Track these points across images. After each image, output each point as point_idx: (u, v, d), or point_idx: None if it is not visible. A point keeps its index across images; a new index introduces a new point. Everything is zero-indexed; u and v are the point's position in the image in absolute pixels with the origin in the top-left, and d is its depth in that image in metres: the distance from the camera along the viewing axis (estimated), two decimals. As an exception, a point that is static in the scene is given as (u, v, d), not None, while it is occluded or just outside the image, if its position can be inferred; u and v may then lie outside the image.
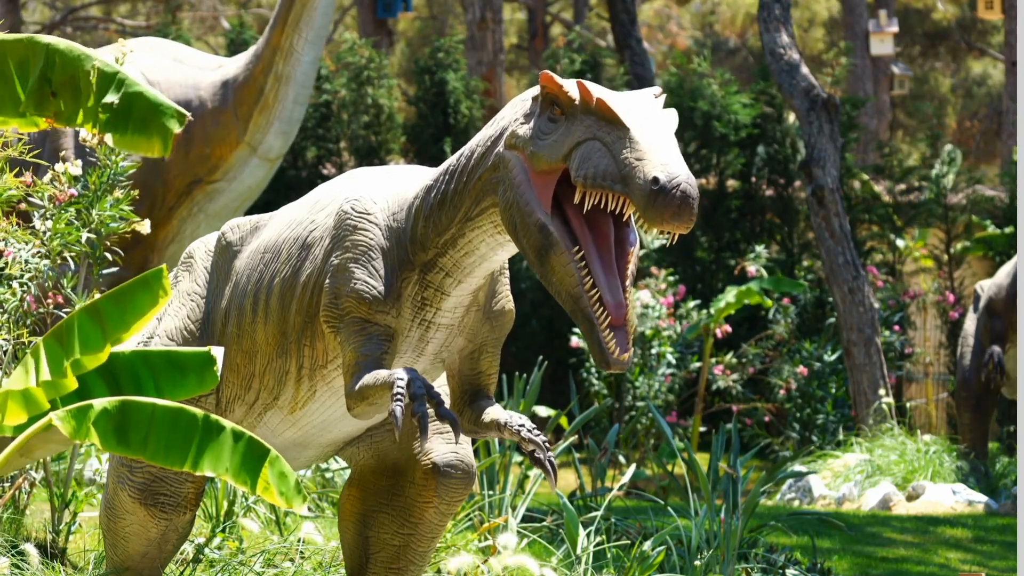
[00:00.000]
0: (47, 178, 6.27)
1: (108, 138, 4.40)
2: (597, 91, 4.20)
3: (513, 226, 4.31)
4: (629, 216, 4.16)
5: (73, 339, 4.20)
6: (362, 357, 4.55)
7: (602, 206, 4.14)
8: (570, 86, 4.23)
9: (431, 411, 4.65)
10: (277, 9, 9.50)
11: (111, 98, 4.37)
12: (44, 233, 6.17)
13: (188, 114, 4.50)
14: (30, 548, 5.70)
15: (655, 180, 3.99)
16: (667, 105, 15.79)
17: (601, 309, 4.20)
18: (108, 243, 6.50)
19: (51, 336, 4.23)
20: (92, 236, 6.33)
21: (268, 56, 9.47)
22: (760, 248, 14.28)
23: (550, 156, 4.23)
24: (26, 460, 6.11)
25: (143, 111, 4.40)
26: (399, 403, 4.34)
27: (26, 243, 6.06)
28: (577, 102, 4.20)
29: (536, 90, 4.40)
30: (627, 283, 4.27)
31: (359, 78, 15.79)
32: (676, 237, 4.12)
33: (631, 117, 4.13)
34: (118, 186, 6.48)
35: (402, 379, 4.38)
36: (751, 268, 14.10)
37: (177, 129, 4.40)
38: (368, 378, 4.51)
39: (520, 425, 4.53)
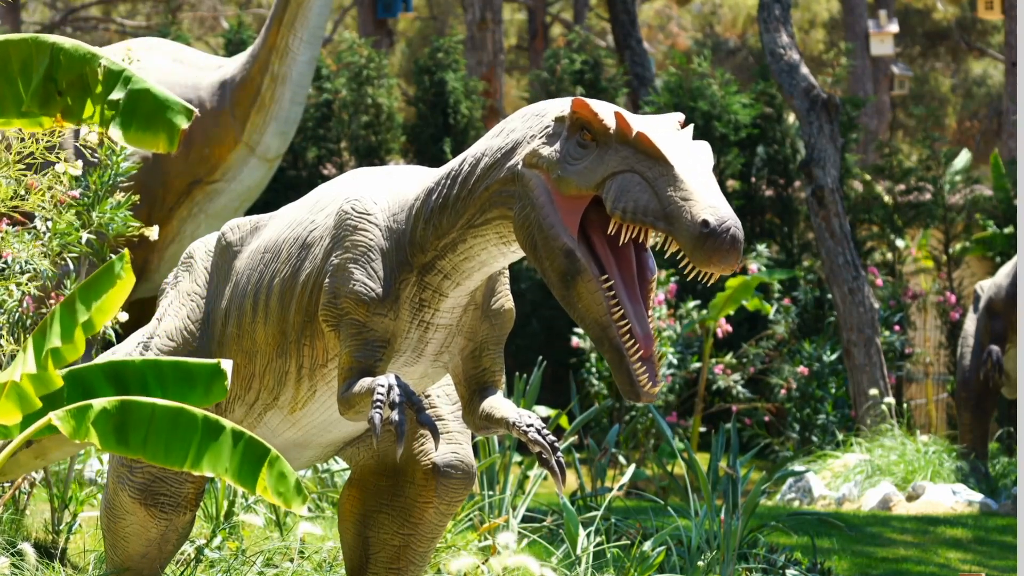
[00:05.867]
0: (48, 179, 6.26)
1: (116, 135, 4.39)
2: (636, 122, 4.16)
3: (533, 245, 4.27)
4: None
5: (51, 331, 4.21)
6: (356, 363, 4.55)
7: (640, 240, 4.12)
8: (606, 114, 4.18)
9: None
10: (273, 9, 9.51)
11: (117, 95, 4.36)
12: (44, 234, 6.16)
13: (195, 110, 4.49)
14: (28, 548, 5.70)
15: (705, 223, 3.96)
16: (667, 106, 15.80)
17: (631, 340, 4.17)
18: (114, 244, 6.50)
19: (38, 331, 4.25)
20: (92, 237, 6.32)
21: (264, 56, 9.46)
22: (761, 247, 14.28)
23: (581, 182, 4.18)
24: (43, 462, 6.11)
25: (149, 107, 4.39)
26: (378, 410, 4.34)
27: (26, 244, 6.06)
28: (612, 132, 4.16)
29: (552, 108, 4.35)
30: (649, 312, 4.25)
31: (359, 78, 15.79)
32: (716, 276, 4.07)
33: (673, 153, 4.09)
34: (119, 188, 6.48)
35: (383, 386, 4.38)
36: (752, 266, 14.10)
37: (184, 125, 4.39)
38: (356, 386, 4.52)
39: (529, 425, 4.50)
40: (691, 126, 4.28)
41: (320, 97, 15.77)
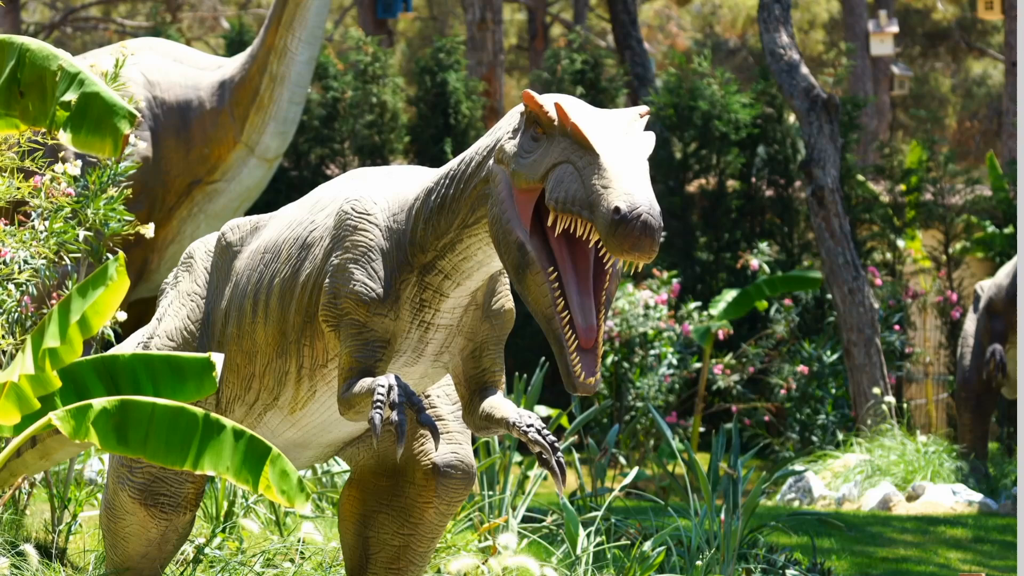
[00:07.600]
0: (46, 178, 6.25)
1: (64, 138, 4.37)
2: (575, 113, 4.17)
3: (497, 240, 4.31)
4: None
5: (48, 332, 4.21)
6: (356, 364, 4.55)
7: (571, 231, 4.13)
8: (549, 106, 4.21)
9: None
10: (271, 9, 9.52)
11: (69, 96, 4.35)
12: (41, 233, 6.15)
13: (139, 115, 4.48)
14: (29, 548, 5.70)
15: (616, 210, 3.97)
16: (667, 105, 15.80)
17: (571, 331, 4.19)
18: (111, 244, 6.49)
19: (36, 331, 4.25)
20: (89, 235, 6.32)
21: (263, 56, 9.47)
22: (763, 245, 14.27)
23: (529, 175, 4.23)
24: (48, 463, 6.12)
25: (98, 111, 4.38)
26: (378, 411, 4.34)
27: (23, 243, 6.05)
28: (555, 123, 4.19)
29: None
30: (603, 306, 4.25)
31: (364, 75, 15.77)
32: (640, 266, 4.09)
33: (602, 142, 4.11)
34: (113, 184, 6.47)
35: (383, 386, 4.38)
36: (754, 262, 14.09)
37: (127, 130, 4.38)
38: (356, 386, 4.53)
39: (529, 425, 4.50)
40: (646, 118, 4.29)
41: (327, 96, 15.74)
